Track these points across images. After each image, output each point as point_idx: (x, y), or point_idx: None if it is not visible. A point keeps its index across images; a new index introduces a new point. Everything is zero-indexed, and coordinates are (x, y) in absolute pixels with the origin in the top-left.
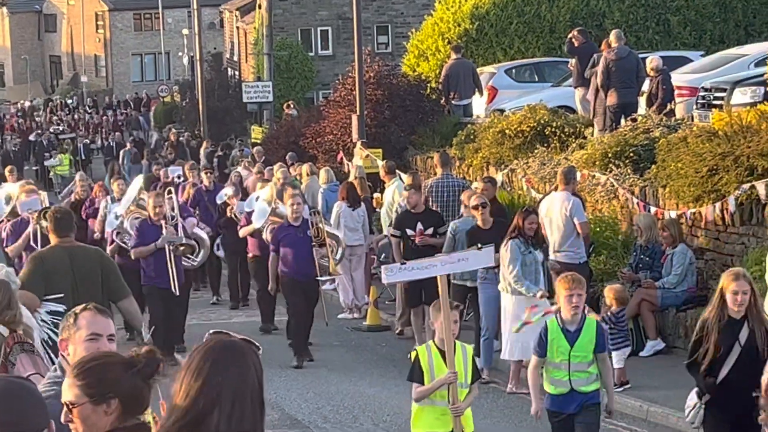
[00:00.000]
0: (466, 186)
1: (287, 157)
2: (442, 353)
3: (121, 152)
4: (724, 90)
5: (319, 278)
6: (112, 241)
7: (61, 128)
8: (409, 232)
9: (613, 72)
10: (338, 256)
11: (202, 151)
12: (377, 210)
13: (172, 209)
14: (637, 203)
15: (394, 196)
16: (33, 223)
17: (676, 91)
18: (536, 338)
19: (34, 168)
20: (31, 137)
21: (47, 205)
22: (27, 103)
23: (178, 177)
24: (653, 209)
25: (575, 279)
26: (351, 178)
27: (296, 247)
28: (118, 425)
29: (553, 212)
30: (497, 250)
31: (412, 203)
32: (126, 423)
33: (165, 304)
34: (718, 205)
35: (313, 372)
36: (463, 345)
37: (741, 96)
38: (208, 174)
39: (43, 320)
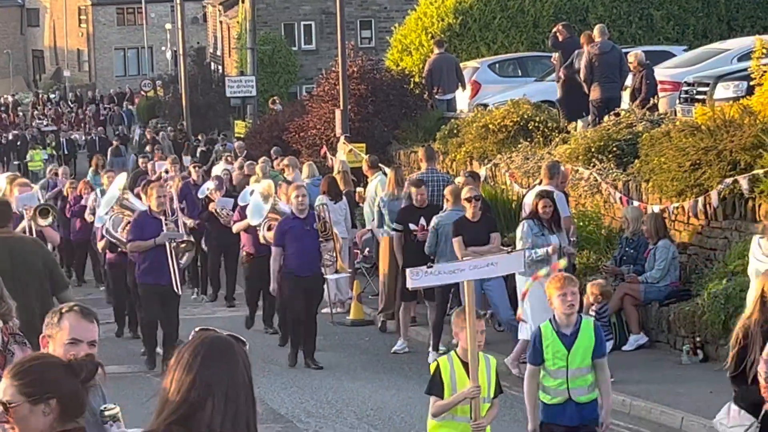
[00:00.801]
0: (451, 181)
1: (272, 152)
2: (465, 365)
3: (109, 150)
4: (707, 85)
5: (326, 276)
6: (102, 237)
7: (44, 123)
8: (411, 226)
9: (596, 67)
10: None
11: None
12: (360, 204)
13: (172, 204)
14: (621, 198)
15: (376, 190)
16: (27, 218)
17: (659, 86)
18: (529, 346)
19: (15, 162)
20: (11, 133)
21: (42, 200)
22: (9, 98)
23: (166, 172)
24: (636, 204)
25: (567, 278)
26: (334, 173)
27: (302, 241)
28: (57, 427)
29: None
30: (482, 243)
31: (421, 200)
32: (66, 426)
33: (161, 302)
34: (701, 199)
35: (297, 366)
36: (486, 356)
37: (724, 91)
38: (196, 168)
39: None
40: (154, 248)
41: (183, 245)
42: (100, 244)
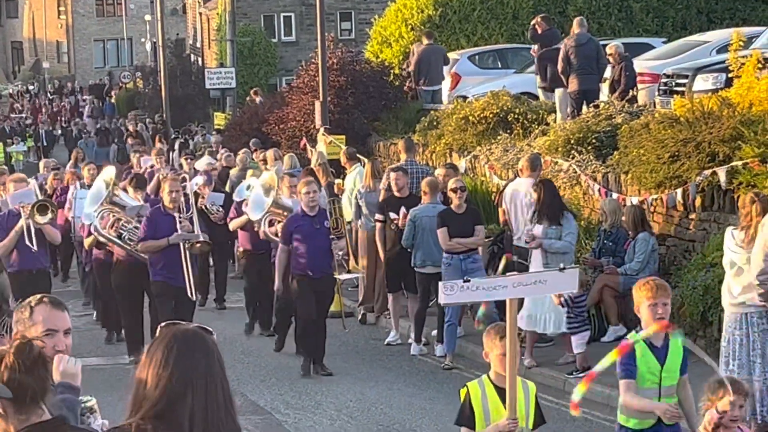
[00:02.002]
0: (430, 173)
1: (251, 144)
2: (500, 391)
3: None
4: (686, 76)
5: (338, 276)
6: (89, 234)
7: (23, 115)
8: (392, 215)
9: (573, 59)
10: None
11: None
12: (339, 196)
13: (186, 200)
14: (600, 190)
15: (355, 182)
16: (25, 216)
17: (639, 78)
18: (622, 358)
19: None
20: None
21: (40, 196)
22: None
23: (151, 167)
24: (615, 195)
25: (659, 285)
26: (312, 164)
27: (312, 239)
28: (25, 421)
29: (518, 198)
30: (467, 235)
31: (400, 186)
32: (42, 419)
33: (175, 304)
34: (679, 191)
35: (275, 358)
36: (524, 381)
37: (703, 82)
38: (188, 161)
39: None
40: (169, 247)
41: (198, 245)
42: (86, 241)
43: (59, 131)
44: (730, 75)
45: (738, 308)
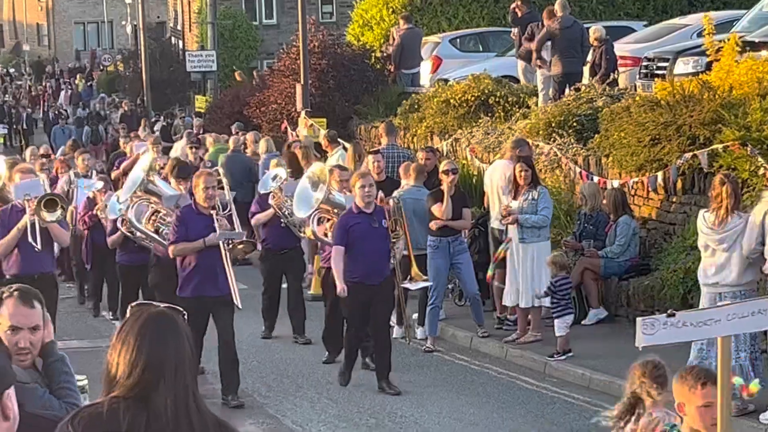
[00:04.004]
0: (411, 157)
1: (234, 127)
2: None
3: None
4: (667, 60)
5: (404, 285)
6: (114, 230)
7: (6, 99)
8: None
9: (557, 41)
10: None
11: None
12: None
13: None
14: (580, 173)
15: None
16: (30, 212)
17: (620, 61)
18: None
19: None
20: None
21: (48, 189)
22: None
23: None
24: (596, 179)
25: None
26: (297, 147)
27: (369, 240)
28: None
29: (496, 179)
30: (455, 218)
31: (378, 169)
32: None
33: (214, 314)
34: (660, 174)
35: (257, 341)
36: None
37: (683, 66)
38: (193, 150)
39: None
40: (205, 252)
41: (241, 246)
42: (110, 239)
43: (40, 115)
44: (708, 59)
45: (712, 288)
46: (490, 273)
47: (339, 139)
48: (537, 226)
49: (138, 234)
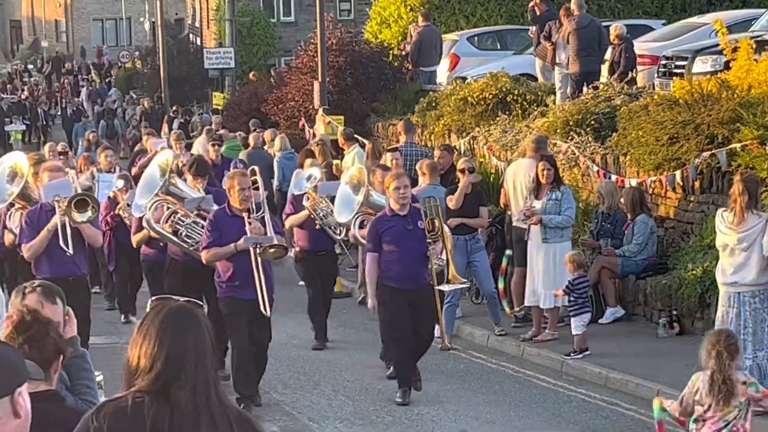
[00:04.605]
0: (429, 155)
1: (251, 124)
2: None
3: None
4: (685, 59)
5: (440, 287)
6: (139, 228)
7: (25, 94)
8: None
9: (574, 40)
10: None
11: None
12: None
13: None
14: (598, 171)
15: (354, 163)
16: (60, 213)
17: (638, 60)
18: None
19: None
20: None
21: (79, 189)
22: None
23: (162, 150)
24: (614, 177)
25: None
26: (313, 145)
27: (404, 243)
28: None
29: (519, 178)
30: (472, 216)
31: (397, 167)
32: (38, 389)
33: (249, 323)
34: (678, 173)
35: (274, 338)
36: None
37: (702, 65)
38: (215, 147)
39: None
40: (238, 255)
41: (272, 250)
42: (135, 238)
43: (58, 111)
44: (725, 59)
45: (731, 287)
46: (501, 286)
47: (356, 137)
48: (560, 227)
49: (153, 234)
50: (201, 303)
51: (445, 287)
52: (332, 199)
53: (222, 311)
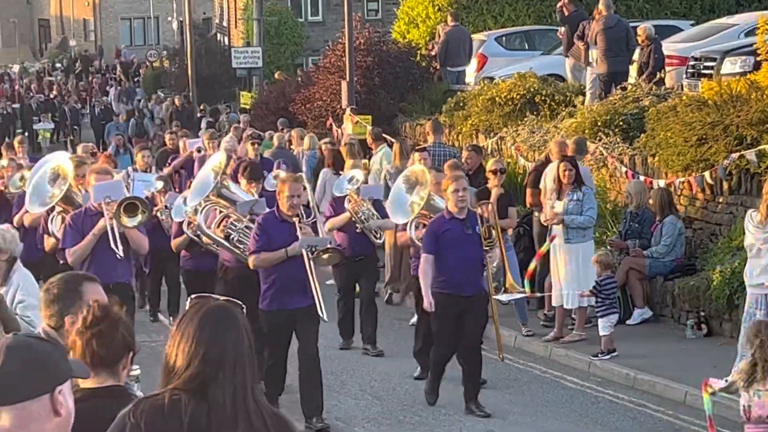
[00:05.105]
0: (457, 155)
1: (279, 123)
2: None
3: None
4: (714, 59)
5: (497, 297)
6: (179, 233)
7: (43, 97)
8: None
9: (602, 41)
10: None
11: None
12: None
13: (307, 202)
14: (626, 172)
15: (381, 162)
16: (108, 216)
17: (667, 60)
18: None
19: (18, 131)
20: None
21: (129, 192)
22: (16, 67)
23: (198, 150)
24: (642, 178)
25: None
26: (341, 145)
27: (461, 248)
28: (90, 385)
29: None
30: (501, 217)
31: (426, 166)
32: (105, 383)
33: (297, 332)
34: (707, 174)
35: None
36: None
37: (731, 65)
38: (255, 145)
39: None
40: (289, 261)
41: (326, 255)
42: (175, 242)
43: (87, 110)
44: (758, 58)
45: (757, 289)
46: (531, 268)
47: (384, 136)
48: (582, 227)
49: (205, 239)
50: (240, 303)
51: (502, 297)
52: (373, 202)
53: (264, 325)
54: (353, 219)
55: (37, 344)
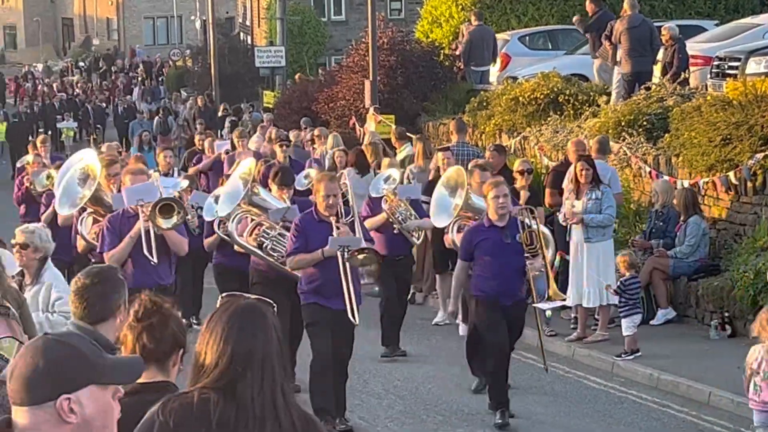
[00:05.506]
0: (480, 155)
1: (302, 122)
2: None
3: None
4: (739, 59)
5: (539, 305)
6: (210, 232)
7: (66, 96)
8: None
9: (625, 40)
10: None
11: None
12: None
13: (345, 202)
14: (650, 172)
15: (407, 162)
16: (143, 218)
17: (691, 60)
18: None
19: (41, 130)
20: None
21: (164, 191)
22: (40, 66)
23: (227, 152)
24: (666, 178)
25: None
26: (364, 144)
27: (501, 257)
28: (140, 380)
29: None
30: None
31: (448, 166)
32: (154, 379)
33: (333, 331)
34: (731, 174)
35: None
36: None
37: (755, 65)
38: (283, 147)
39: None
40: (324, 262)
41: (360, 256)
42: (207, 242)
43: (110, 109)
44: None
45: None
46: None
47: (408, 135)
48: (602, 225)
49: (237, 247)
50: (271, 302)
51: (544, 305)
52: (411, 202)
53: (304, 320)
54: (390, 219)
55: (54, 348)
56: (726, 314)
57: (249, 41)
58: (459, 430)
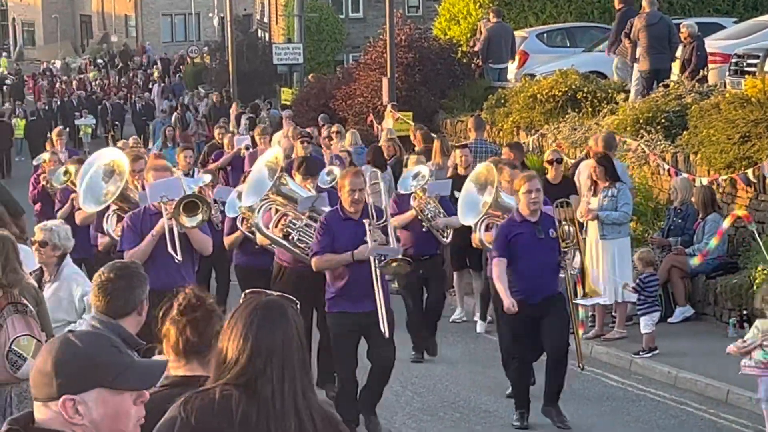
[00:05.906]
0: (498, 152)
1: (319, 119)
2: None
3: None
4: (757, 57)
5: (577, 301)
6: (232, 229)
7: (84, 94)
8: (457, 194)
9: (644, 37)
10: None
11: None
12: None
13: (375, 201)
14: (669, 169)
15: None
16: (167, 216)
17: (709, 58)
18: None
19: (59, 127)
20: (57, 99)
21: (188, 190)
22: (57, 63)
23: (247, 148)
24: (684, 175)
25: None
26: (381, 141)
27: (534, 253)
28: (177, 373)
29: (581, 178)
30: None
31: (466, 163)
32: (191, 372)
33: (367, 338)
34: (750, 171)
35: None
36: None
37: None
38: (305, 144)
39: None
40: (356, 266)
41: (394, 264)
42: (228, 239)
43: (128, 106)
44: None
45: None
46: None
47: (432, 134)
48: (617, 223)
49: (261, 238)
50: (294, 299)
51: (582, 301)
52: (440, 200)
53: (330, 330)
54: (419, 217)
55: (63, 348)
56: (744, 312)
57: (267, 38)
58: (477, 428)
